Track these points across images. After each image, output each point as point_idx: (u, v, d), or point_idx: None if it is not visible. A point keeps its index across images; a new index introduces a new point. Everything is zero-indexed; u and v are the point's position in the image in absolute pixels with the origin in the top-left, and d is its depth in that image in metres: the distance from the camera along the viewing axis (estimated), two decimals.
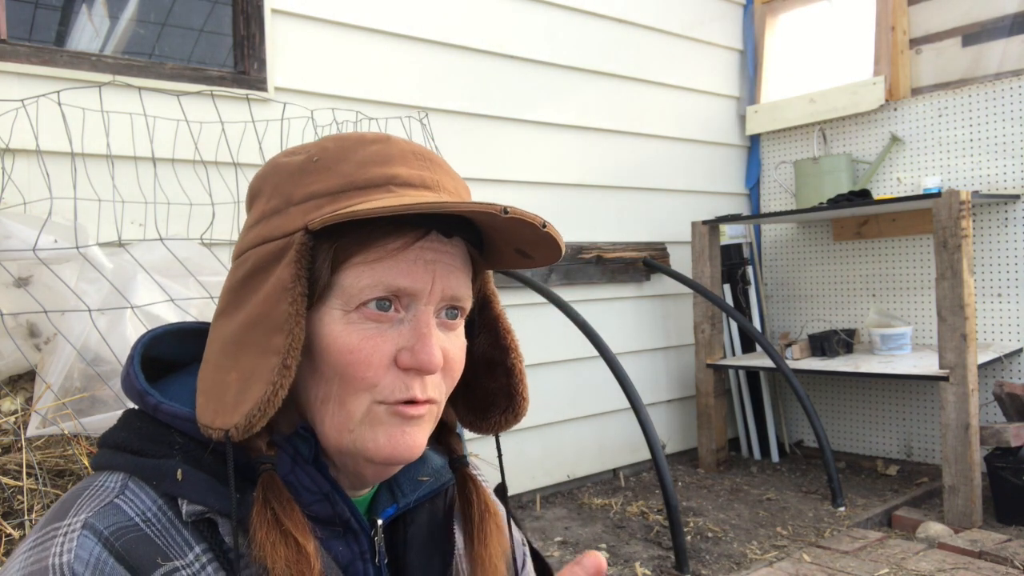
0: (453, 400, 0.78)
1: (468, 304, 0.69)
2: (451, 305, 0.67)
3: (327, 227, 0.62)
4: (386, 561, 0.70)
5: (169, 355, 0.72)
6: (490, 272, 0.77)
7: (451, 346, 0.67)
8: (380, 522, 0.70)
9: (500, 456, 0.82)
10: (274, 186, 0.66)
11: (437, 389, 0.67)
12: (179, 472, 0.61)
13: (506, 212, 0.60)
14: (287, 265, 0.61)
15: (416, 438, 0.65)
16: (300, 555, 0.59)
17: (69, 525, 0.59)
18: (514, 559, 0.82)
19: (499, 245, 0.71)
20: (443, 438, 0.78)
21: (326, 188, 0.63)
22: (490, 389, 0.78)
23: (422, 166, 0.67)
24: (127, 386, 0.67)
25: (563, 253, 0.68)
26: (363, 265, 0.63)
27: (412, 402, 0.65)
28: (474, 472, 0.81)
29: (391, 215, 0.61)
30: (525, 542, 0.87)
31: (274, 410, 0.60)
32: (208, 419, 0.61)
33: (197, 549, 0.60)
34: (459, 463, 0.77)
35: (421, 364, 0.63)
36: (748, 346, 3.90)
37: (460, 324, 0.69)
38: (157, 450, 0.63)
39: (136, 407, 0.67)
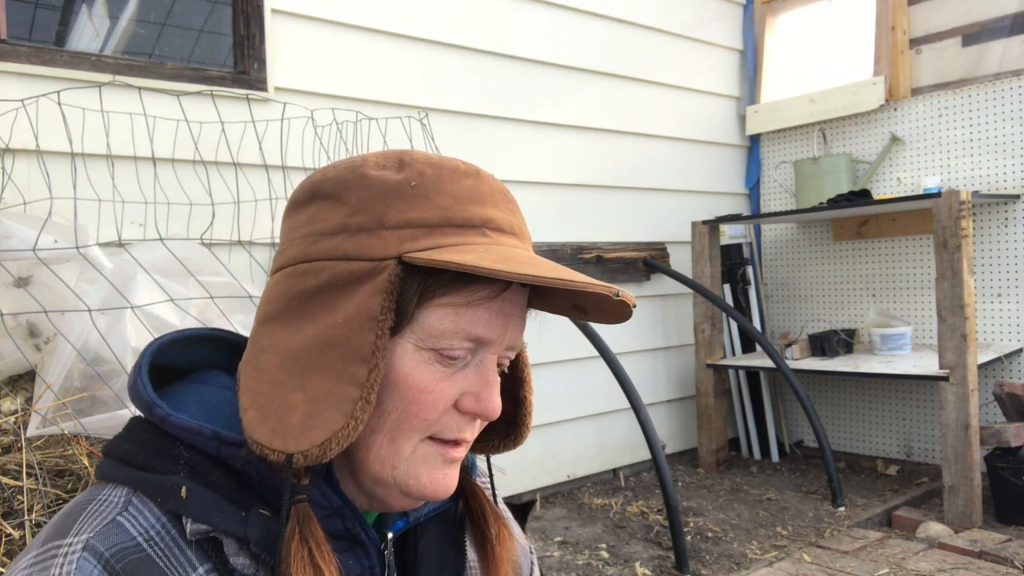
0: None
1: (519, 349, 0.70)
2: (507, 356, 0.68)
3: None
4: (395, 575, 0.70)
5: (176, 363, 0.71)
6: None
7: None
8: (390, 536, 0.70)
9: (491, 474, 0.82)
10: (361, 200, 0.63)
11: (479, 428, 0.69)
12: (183, 490, 0.60)
13: (617, 295, 0.62)
14: (376, 293, 0.59)
15: (454, 478, 0.67)
16: None
17: (70, 545, 0.58)
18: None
19: (560, 297, 0.71)
20: None
21: (423, 218, 0.61)
22: None
23: (508, 209, 0.67)
24: (134, 395, 0.66)
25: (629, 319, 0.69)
26: (448, 308, 0.62)
27: (458, 443, 0.66)
28: (481, 482, 0.81)
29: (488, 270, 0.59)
30: (532, 550, 0.88)
31: (348, 442, 0.58)
32: (264, 438, 0.58)
33: (201, 570, 0.60)
34: (463, 472, 0.77)
35: (486, 412, 0.65)
36: (748, 346, 3.90)
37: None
38: (162, 465, 0.62)
39: (142, 416, 0.66)
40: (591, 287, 0.59)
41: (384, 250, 0.60)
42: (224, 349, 0.73)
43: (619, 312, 0.67)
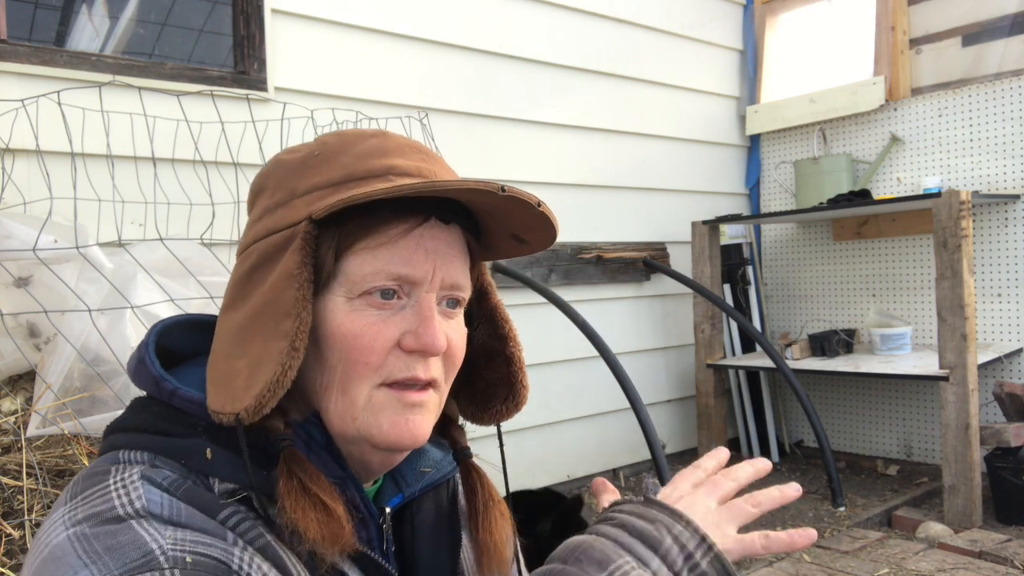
0: (455, 393, 0.79)
1: (467, 293, 0.71)
2: (451, 295, 0.68)
3: (331, 217, 0.63)
4: (393, 549, 0.72)
5: (177, 346, 0.72)
6: (486, 263, 0.79)
7: (452, 332, 0.69)
8: (388, 510, 0.72)
9: (501, 444, 0.84)
10: (277, 181, 0.68)
11: (439, 371, 0.68)
12: (208, 451, 0.62)
13: (503, 190, 0.61)
14: (292, 253, 0.63)
15: (419, 425, 0.66)
16: (330, 516, 0.61)
17: (120, 480, 0.59)
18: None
19: (495, 233, 0.72)
20: (446, 431, 0.80)
21: (327, 180, 0.65)
22: (490, 380, 0.79)
23: (419, 158, 0.69)
24: (141, 372, 0.67)
25: (557, 235, 0.70)
26: (366, 251, 0.64)
27: (414, 383, 0.66)
28: (478, 462, 0.82)
29: (391, 198, 0.63)
30: (515, 532, 0.90)
31: (283, 391, 0.61)
32: (218, 406, 0.61)
33: (236, 516, 0.62)
34: (463, 454, 0.79)
35: (425, 346, 0.64)
36: (748, 346, 3.90)
37: (460, 313, 0.71)
38: (182, 431, 0.63)
39: (144, 394, 0.67)
40: (474, 185, 0.61)
41: (296, 215, 0.64)
42: None
43: (546, 227, 0.69)
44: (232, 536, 0.59)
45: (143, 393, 0.68)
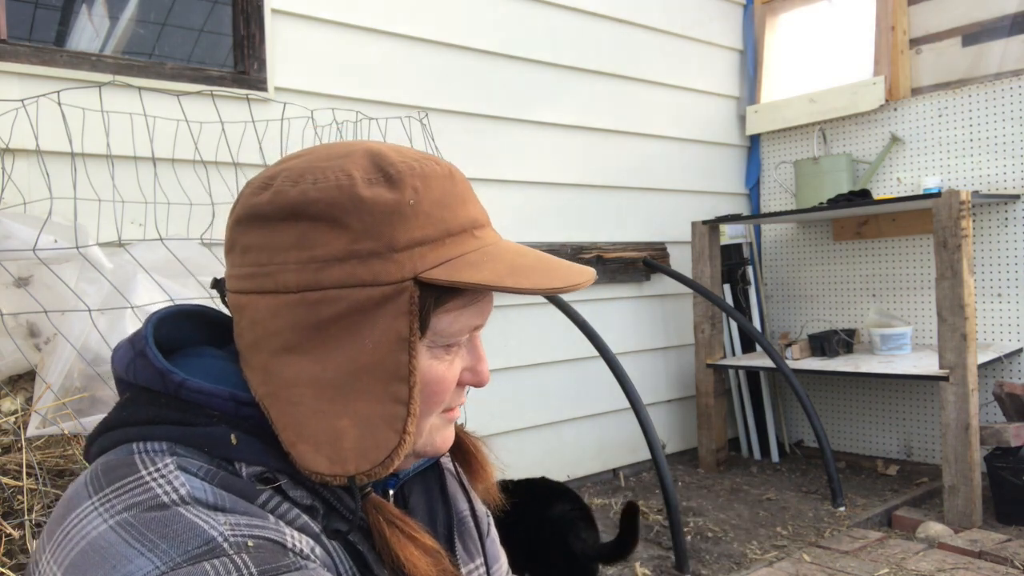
0: None
1: None
2: None
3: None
4: None
5: (167, 339, 0.70)
6: None
7: None
8: (392, 492, 0.76)
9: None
10: (365, 225, 0.63)
11: None
12: (233, 436, 0.61)
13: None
14: (400, 315, 0.63)
15: (453, 432, 0.76)
16: (440, 558, 0.67)
17: (156, 469, 0.58)
18: (477, 523, 0.87)
19: None
20: None
21: (426, 236, 0.64)
22: None
23: (473, 198, 0.71)
24: (141, 366, 0.65)
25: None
26: (456, 311, 0.67)
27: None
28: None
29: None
30: (489, 514, 0.94)
31: (405, 454, 0.65)
32: (322, 467, 0.62)
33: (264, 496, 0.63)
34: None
35: (483, 382, 0.73)
36: (748, 346, 3.90)
37: None
38: (200, 420, 0.62)
39: (144, 388, 0.65)
40: (579, 281, 0.68)
41: (400, 273, 0.63)
42: (207, 326, 0.74)
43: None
44: (273, 519, 0.59)
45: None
